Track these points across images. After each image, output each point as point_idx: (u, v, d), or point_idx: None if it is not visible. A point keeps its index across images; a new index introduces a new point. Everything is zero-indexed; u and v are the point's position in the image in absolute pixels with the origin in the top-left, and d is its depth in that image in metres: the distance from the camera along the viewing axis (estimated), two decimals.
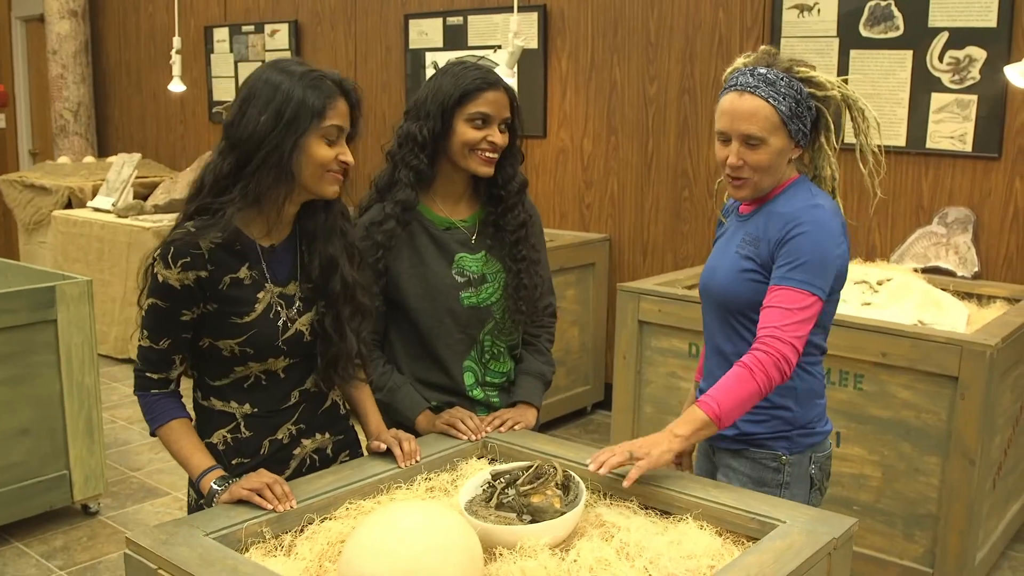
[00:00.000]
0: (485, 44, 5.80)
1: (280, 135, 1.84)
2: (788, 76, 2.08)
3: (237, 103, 1.90)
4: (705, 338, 2.35)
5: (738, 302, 2.16)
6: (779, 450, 2.19)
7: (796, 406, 2.19)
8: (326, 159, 1.89)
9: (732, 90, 2.10)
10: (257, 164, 1.85)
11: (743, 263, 2.15)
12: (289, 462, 2.07)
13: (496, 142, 2.25)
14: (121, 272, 6.26)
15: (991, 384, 3.14)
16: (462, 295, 2.31)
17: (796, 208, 2.09)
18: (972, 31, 4.08)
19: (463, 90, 2.22)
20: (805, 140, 2.14)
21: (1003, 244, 4.17)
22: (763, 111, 2.05)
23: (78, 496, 4.04)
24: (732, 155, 2.10)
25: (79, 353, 3.97)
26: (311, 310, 2.02)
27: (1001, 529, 3.64)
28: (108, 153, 8.62)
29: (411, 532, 1.56)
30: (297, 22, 6.96)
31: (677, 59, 5.07)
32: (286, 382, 2.04)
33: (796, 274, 2.03)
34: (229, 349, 1.95)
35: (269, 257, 1.98)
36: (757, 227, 2.15)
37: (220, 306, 1.92)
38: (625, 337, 4.04)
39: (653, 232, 5.30)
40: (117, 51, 8.62)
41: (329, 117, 1.88)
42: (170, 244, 1.87)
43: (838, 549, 1.72)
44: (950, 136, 4.20)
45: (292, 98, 1.85)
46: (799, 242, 2.05)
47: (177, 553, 1.62)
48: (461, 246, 2.34)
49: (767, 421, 2.19)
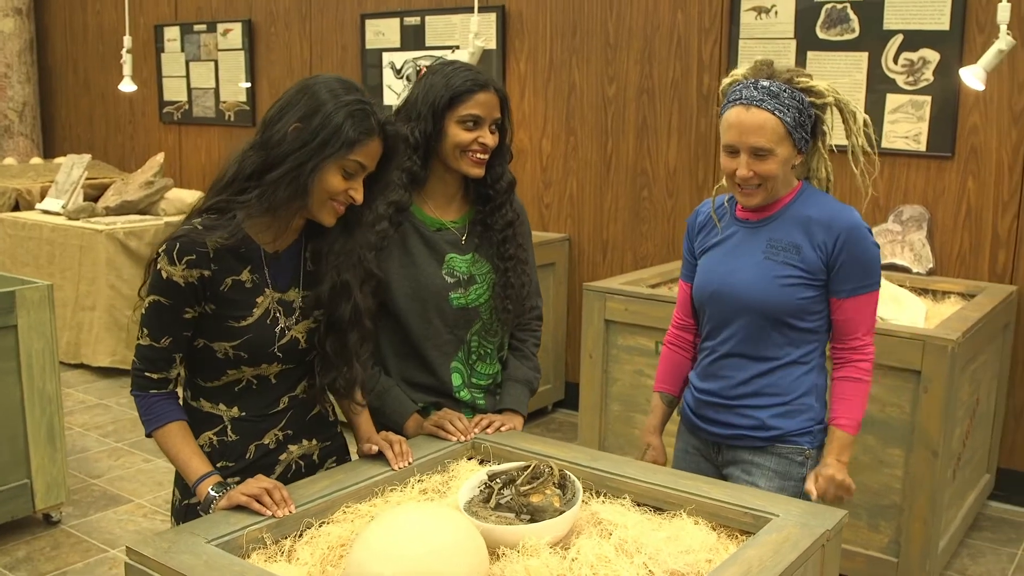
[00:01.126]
0: (443, 45, 5.81)
1: (307, 154, 1.84)
2: (790, 87, 2.16)
3: (283, 101, 1.90)
4: (710, 341, 2.36)
5: (775, 309, 2.22)
6: (804, 444, 2.29)
7: (817, 403, 2.31)
8: (335, 190, 1.89)
9: (737, 104, 2.16)
10: (279, 175, 1.85)
11: (781, 270, 2.21)
12: (275, 467, 2.07)
13: (487, 143, 2.26)
14: (73, 275, 6.15)
15: (952, 377, 3.23)
16: (452, 296, 2.32)
17: (834, 213, 2.21)
18: (926, 34, 4.19)
19: (454, 92, 2.22)
20: (806, 146, 2.23)
21: (956, 241, 4.28)
22: (770, 123, 2.13)
23: (40, 505, 3.96)
24: (742, 167, 2.17)
25: (40, 359, 3.90)
26: (308, 318, 2.02)
27: (960, 518, 3.74)
28: (55, 154, 8.47)
29: (419, 534, 1.58)
30: (251, 21, 6.90)
31: (636, 60, 5.12)
32: (277, 388, 2.04)
33: (866, 279, 2.21)
34: (223, 352, 1.95)
35: (272, 263, 1.98)
36: (786, 233, 2.23)
37: (218, 307, 1.92)
38: (592, 336, 4.08)
39: (612, 231, 5.35)
40: (63, 49, 8.47)
41: (356, 153, 1.87)
42: (176, 240, 1.87)
43: (831, 541, 1.77)
44: (905, 136, 4.30)
45: (330, 122, 1.84)
46: (858, 249, 2.18)
47: (181, 561, 1.62)
48: (451, 247, 2.34)
49: (797, 417, 2.28)
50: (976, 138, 4.18)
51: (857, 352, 2.25)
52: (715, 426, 2.35)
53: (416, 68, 5.93)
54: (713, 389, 2.34)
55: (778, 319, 2.23)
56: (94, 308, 6.05)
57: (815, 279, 2.21)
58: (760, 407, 2.28)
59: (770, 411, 2.27)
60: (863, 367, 2.25)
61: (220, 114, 7.21)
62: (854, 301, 2.21)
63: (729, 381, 2.31)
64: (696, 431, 2.41)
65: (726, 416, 2.32)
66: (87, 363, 6.15)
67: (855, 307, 2.22)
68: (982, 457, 4.05)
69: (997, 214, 4.19)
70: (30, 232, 6.49)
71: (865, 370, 2.25)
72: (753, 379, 2.28)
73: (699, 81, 4.93)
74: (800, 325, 2.24)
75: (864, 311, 2.23)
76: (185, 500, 2.03)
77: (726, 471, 2.35)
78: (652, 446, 2.55)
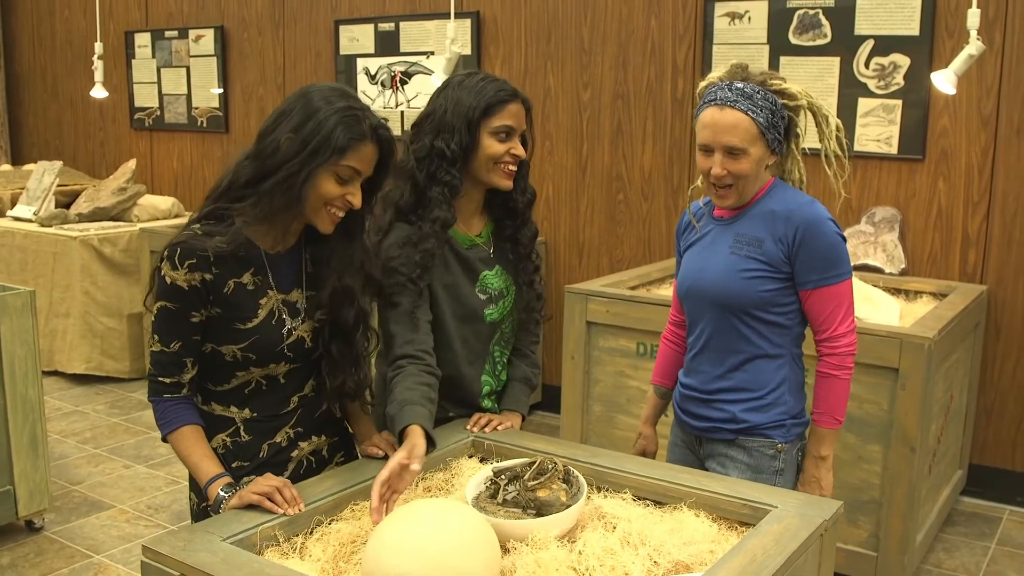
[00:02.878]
0: (417, 50, 5.84)
1: (300, 163, 1.87)
2: (763, 89, 2.22)
3: (276, 113, 1.93)
4: (691, 338, 2.43)
5: (741, 302, 2.27)
6: (776, 438, 2.33)
7: (791, 397, 2.34)
8: (330, 196, 1.92)
9: (712, 104, 2.22)
10: (272, 184, 1.88)
11: (743, 263, 2.26)
12: (287, 464, 2.11)
13: (519, 155, 2.25)
14: (47, 282, 6.11)
15: (929, 375, 3.31)
16: (486, 312, 2.33)
17: (795, 206, 2.25)
18: (896, 39, 4.29)
19: (488, 102, 2.20)
20: (780, 147, 2.29)
21: (928, 242, 4.38)
22: (743, 123, 2.19)
23: (23, 512, 3.94)
24: (716, 166, 2.23)
25: (22, 366, 3.88)
26: (312, 319, 2.05)
27: (935, 513, 3.83)
28: (23, 161, 8.39)
29: (434, 528, 1.61)
30: (223, 27, 6.89)
31: (610, 65, 5.18)
32: (286, 387, 2.07)
33: (831, 271, 2.23)
34: (232, 354, 1.98)
35: (273, 265, 2.01)
36: (751, 228, 2.28)
37: (224, 311, 1.95)
38: (573, 338, 4.12)
39: (588, 234, 5.40)
40: (31, 55, 8.39)
41: (349, 158, 1.90)
42: (176, 245, 1.90)
43: (828, 531, 1.83)
44: (876, 139, 4.40)
45: (321, 130, 1.87)
46: (817, 241, 2.21)
47: (199, 558, 1.64)
48: (483, 264, 2.34)
49: (768, 411, 2.32)
50: (946, 141, 4.28)
51: (827, 345, 2.28)
52: (695, 419, 2.41)
53: (391, 74, 5.97)
54: (693, 384, 2.41)
55: (744, 312, 2.27)
56: (68, 315, 6.01)
57: (777, 272, 2.24)
58: (733, 401, 2.33)
59: (742, 405, 2.32)
60: (832, 362, 2.27)
61: (192, 120, 7.18)
62: (820, 293, 2.24)
63: (706, 376, 2.37)
64: (682, 424, 2.48)
65: (704, 410, 2.38)
66: (62, 370, 6.11)
67: (822, 299, 2.25)
68: (955, 453, 4.15)
69: (967, 215, 4.29)
70: (2, 239, 6.43)
71: (834, 365, 2.27)
72: (727, 373, 2.33)
73: (673, 86, 5.00)
74: (768, 318, 2.28)
75: (835, 302, 2.25)
76: (203, 503, 2.04)
77: (706, 464, 2.41)
78: (643, 435, 2.65)
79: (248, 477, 2.00)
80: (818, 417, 2.31)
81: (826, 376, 2.29)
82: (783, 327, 2.30)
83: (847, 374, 2.28)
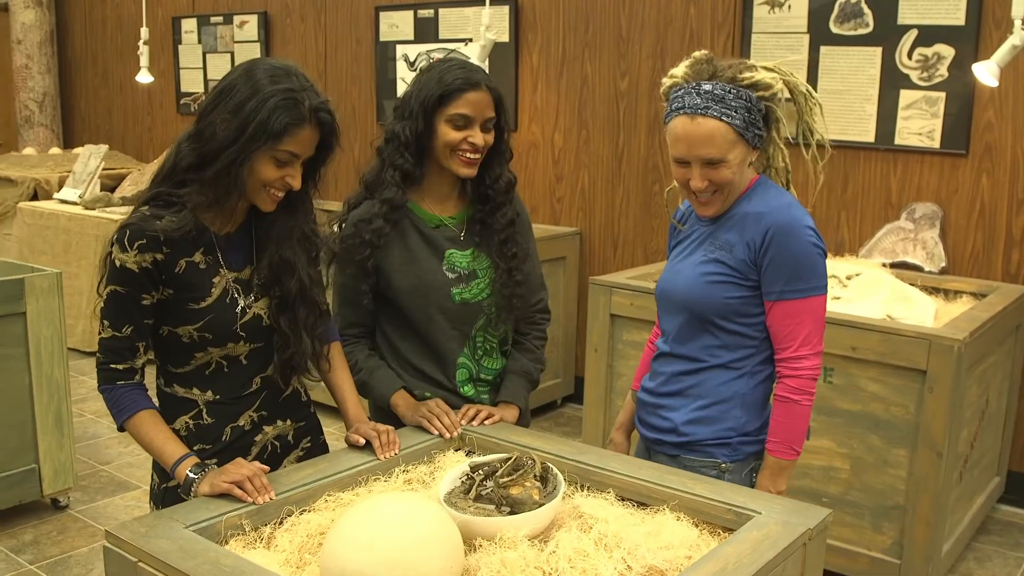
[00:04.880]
0: (456, 37, 5.79)
1: (238, 148, 1.85)
2: (735, 87, 2.03)
3: (216, 90, 1.91)
4: (658, 343, 2.32)
5: (700, 306, 2.13)
6: (719, 457, 2.16)
7: (743, 412, 2.16)
8: (268, 179, 1.91)
9: (681, 113, 2.04)
10: (214, 172, 1.86)
11: (708, 267, 2.12)
12: (251, 448, 2.09)
13: (476, 143, 2.24)
14: (89, 265, 6.20)
15: (959, 378, 3.19)
16: (453, 291, 2.31)
17: (767, 208, 2.08)
18: (941, 29, 4.13)
19: (443, 90, 2.21)
20: (760, 141, 2.11)
21: (969, 240, 4.23)
22: (719, 132, 2.01)
23: (47, 490, 4.00)
24: (695, 179, 2.06)
25: (48, 346, 3.93)
26: (268, 295, 2.04)
27: (967, 521, 3.70)
28: (74, 144, 8.53)
29: (393, 524, 1.57)
30: (267, 13, 6.91)
31: (648, 54, 5.09)
32: (248, 368, 2.06)
33: (798, 283, 2.04)
34: (188, 335, 1.97)
35: (224, 244, 1.99)
36: (726, 230, 2.13)
37: (176, 292, 1.93)
38: (597, 330, 4.06)
39: (624, 226, 5.32)
40: (83, 41, 8.53)
41: (285, 143, 1.88)
42: (126, 228, 1.88)
43: (813, 540, 1.74)
44: (918, 133, 4.25)
45: (258, 114, 1.84)
46: (787, 247, 2.04)
47: (157, 546, 1.62)
48: (450, 243, 2.34)
49: (712, 425, 2.16)
50: (991, 135, 4.12)
51: (787, 366, 2.08)
52: (644, 428, 2.29)
53: (430, 60, 5.93)
54: (649, 388, 2.28)
55: (706, 318, 2.12)
56: None
57: (743, 278, 2.08)
58: (677, 408, 2.19)
59: (685, 414, 2.17)
60: (792, 384, 2.07)
61: None
62: (784, 306, 2.05)
63: (659, 379, 2.24)
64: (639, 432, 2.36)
65: (650, 417, 2.26)
66: None
67: (786, 313, 2.05)
68: (992, 460, 4.00)
69: (1012, 213, 4.13)
70: (47, 221, 6.54)
71: (795, 388, 2.07)
72: (676, 377, 2.20)
73: None
74: (730, 327, 2.12)
75: (797, 319, 2.05)
76: (164, 484, 2.05)
77: None
78: (614, 442, 2.50)
79: (212, 461, 1.98)
80: (773, 447, 2.11)
81: (784, 400, 2.09)
82: (747, 338, 2.13)
83: (808, 400, 2.08)
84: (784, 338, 2.08)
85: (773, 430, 2.11)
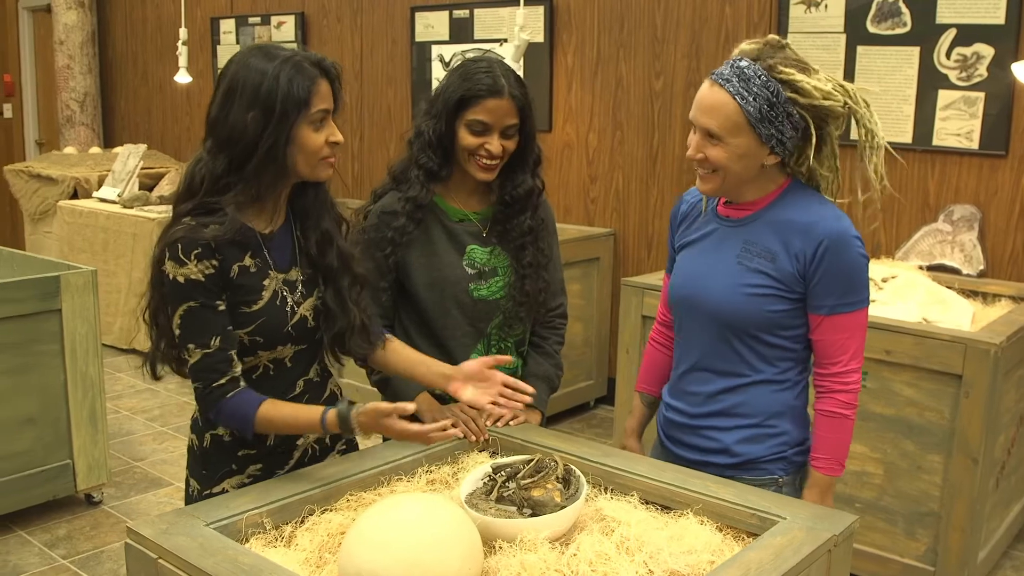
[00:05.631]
0: (491, 37, 5.79)
1: (273, 132, 1.82)
2: (767, 75, 1.92)
3: (219, 96, 1.86)
4: (680, 351, 2.20)
5: (741, 320, 2.03)
6: (776, 473, 2.10)
7: (793, 426, 2.11)
8: (318, 146, 1.89)
9: (710, 78, 1.97)
10: (256, 164, 1.84)
11: (750, 277, 2.01)
12: (292, 453, 2.07)
13: (492, 151, 2.22)
14: (126, 263, 6.26)
15: (995, 383, 3.13)
16: (471, 287, 2.31)
17: (818, 218, 1.98)
18: (980, 28, 4.07)
19: (463, 94, 2.20)
20: (782, 148, 1.97)
21: (1009, 242, 4.16)
22: (726, 108, 1.92)
23: (81, 486, 4.05)
24: (692, 146, 2.00)
25: (83, 343, 3.98)
26: (312, 295, 2.02)
27: (1004, 528, 3.63)
28: (114, 144, 8.63)
29: (412, 524, 1.56)
30: (303, 14, 6.96)
31: (683, 54, 5.06)
32: (293, 371, 2.04)
33: (850, 296, 1.98)
34: (240, 340, 1.93)
35: (269, 244, 1.97)
36: (763, 237, 2.02)
37: (231, 296, 1.91)
38: (628, 332, 4.04)
39: (658, 227, 5.29)
40: (123, 42, 8.63)
41: (314, 103, 1.86)
42: (176, 241, 1.83)
43: (838, 546, 1.71)
44: (957, 133, 4.19)
45: (277, 90, 1.81)
46: (840, 261, 1.96)
47: (177, 543, 1.62)
48: (473, 238, 2.33)
49: (766, 441, 2.09)
50: None
51: (838, 381, 2.01)
52: (683, 449, 2.17)
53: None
54: (680, 407, 2.17)
55: (746, 332, 2.02)
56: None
57: (789, 291, 1.99)
58: (725, 429, 2.09)
59: (736, 434, 2.08)
60: (843, 399, 2.01)
61: None
62: (835, 320, 1.98)
63: (695, 398, 2.13)
64: (669, 454, 2.21)
65: (693, 438, 2.15)
66: (139, 348, 6.25)
67: (837, 327, 1.99)
68: None
69: None
70: (87, 220, 6.62)
71: (846, 403, 2.01)
72: (719, 395, 2.09)
73: None
74: (773, 341, 2.03)
75: (848, 333, 1.99)
76: (207, 490, 2.03)
77: None
78: (628, 448, 2.38)
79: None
80: (823, 464, 2.03)
81: (832, 416, 2.02)
82: (788, 351, 2.05)
83: (854, 413, 2.02)
84: (834, 352, 2.01)
85: (819, 447, 2.04)
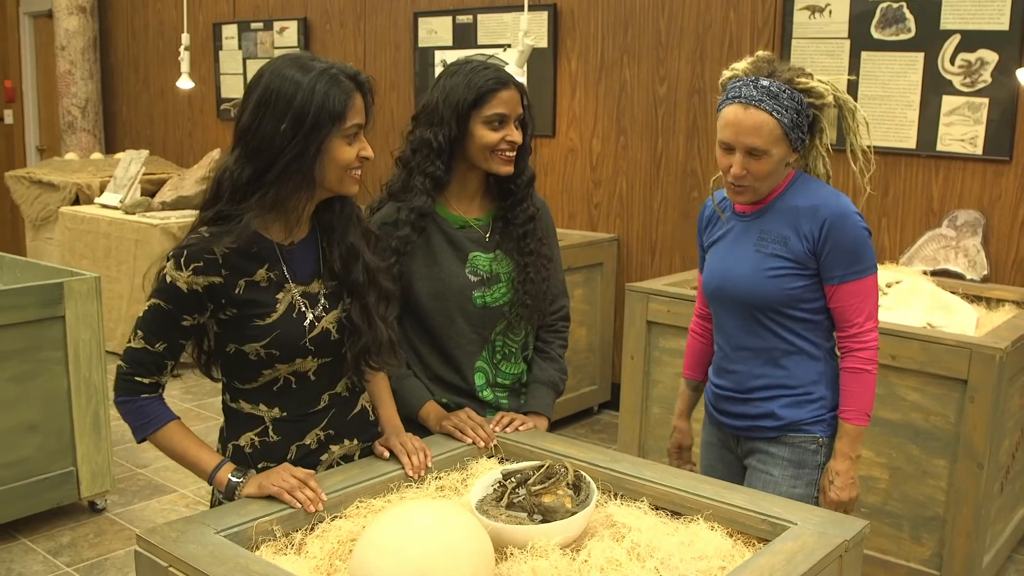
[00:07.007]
0: (494, 43, 5.79)
1: (302, 142, 1.81)
2: (790, 88, 2.17)
3: (251, 105, 1.85)
4: (720, 337, 2.42)
5: (767, 300, 2.25)
6: (817, 433, 2.31)
7: (828, 391, 2.32)
8: (349, 160, 1.88)
9: (736, 102, 2.17)
10: (279, 172, 1.83)
11: (768, 262, 2.25)
12: (316, 468, 2.03)
13: (515, 140, 2.25)
14: (128, 269, 6.26)
15: (1000, 388, 3.13)
16: (475, 294, 2.30)
17: (820, 200, 2.22)
18: (984, 34, 4.07)
19: (478, 92, 2.20)
20: (802, 145, 2.25)
21: (1013, 247, 4.16)
22: (767, 125, 2.15)
23: (85, 493, 4.04)
24: (736, 166, 2.20)
25: (87, 349, 3.97)
26: (337, 307, 1.99)
27: (1008, 532, 3.63)
28: (116, 149, 8.63)
29: (423, 531, 1.56)
30: (306, 20, 6.96)
31: (687, 59, 5.06)
32: (316, 385, 2.01)
33: (856, 265, 2.21)
34: (255, 353, 1.91)
35: (289, 256, 1.95)
36: (775, 224, 2.26)
37: (240, 310, 1.89)
38: (633, 337, 4.04)
39: (662, 232, 5.29)
40: (125, 47, 8.63)
41: (349, 118, 1.85)
42: (184, 248, 1.84)
43: (849, 551, 1.71)
44: (960, 139, 4.19)
45: (312, 103, 1.80)
46: (843, 235, 2.19)
47: (188, 551, 1.62)
48: (475, 245, 2.33)
49: (807, 406, 2.30)
50: None
51: (856, 340, 2.25)
52: (732, 418, 2.40)
53: None
54: (727, 385, 2.39)
55: (774, 310, 2.26)
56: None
57: (804, 268, 2.23)
58: (772, 398, 2.32)
59: (781, 401, 2.31)
60: (863, 356, 2.25)
61: None
62: (847, 288, 2.22)
63: (741, 376, 2.35)
64: (717, 424, 2.47)
65: (741, 408, 2.37)
66: None
67: (848, 293, 2.23)
68: None
69: None
70: (88, 226, 6.62)
71: (866, 359, 2.25)
72: (758, 372, 2.32)
73: None
74: (798, 315, 2.26)
75: (859, 297, 2.23)
76: None
77: (746, 461, 2.40)
78: (678, 429, 2.67)
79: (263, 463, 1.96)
80: (851, 415, 2.27)
81: (857, 372, 2.26)
82: (813, 322, 2.28)
83: (875, 368, 2.26)
84: (850, 316, 2.24)
85: (846, 400, 2.27)
